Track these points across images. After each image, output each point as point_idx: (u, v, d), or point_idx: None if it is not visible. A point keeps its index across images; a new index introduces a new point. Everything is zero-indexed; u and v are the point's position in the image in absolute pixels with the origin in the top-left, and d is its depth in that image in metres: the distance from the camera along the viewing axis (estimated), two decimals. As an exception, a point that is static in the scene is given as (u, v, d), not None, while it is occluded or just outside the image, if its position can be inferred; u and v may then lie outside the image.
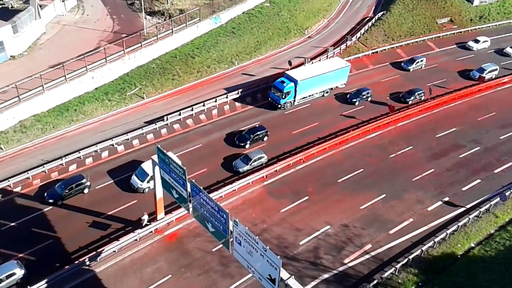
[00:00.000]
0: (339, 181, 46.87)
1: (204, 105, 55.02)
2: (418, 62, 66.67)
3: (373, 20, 76.71)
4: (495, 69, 65.89)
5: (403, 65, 66.95)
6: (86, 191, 43.28)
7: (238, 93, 57.84)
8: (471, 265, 39.14)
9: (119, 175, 45.39)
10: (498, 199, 44.75)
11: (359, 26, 76.62)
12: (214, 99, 56.08)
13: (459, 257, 40.13)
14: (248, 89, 58.97)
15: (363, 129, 53.36)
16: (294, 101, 56.78)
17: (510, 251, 39.98)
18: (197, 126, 53.22)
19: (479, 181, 48.18)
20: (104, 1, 72.73)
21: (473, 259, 39.80)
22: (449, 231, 41.26)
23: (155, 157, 36.04)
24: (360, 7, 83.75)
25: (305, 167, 48.44)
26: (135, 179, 43.64)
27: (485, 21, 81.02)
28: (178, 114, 53.37)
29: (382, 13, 78.43)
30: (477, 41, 73.20)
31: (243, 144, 50.09)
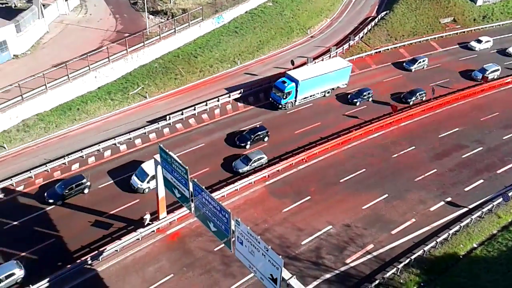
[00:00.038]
0: (341, 181, 46.83)
1: (206, 105, 55.06)
2: (420, 62, 66.51)
3: (376, 19, 76.53)
4: (497, 70, 65.68)
5: (405, 65, 66.82)
6: (86, 191, 43.29)
7: (240, 93, 57.84)
8: (473, 265, 39.05)
9: (119, 175, 45.41)
10: (500, 200, 44.66)
11: (362, 25, 76.43)
12: (216, 99, 56.14)
13: (461, 257, 40.05)
14: (250, 89, 58.98)
15: (365, 129, 53.28)
16: (295, 101, 56.70)
17: (512, 251, 39.98)
18: (199, 125, 53.25)
19: (482, 181, 48.06)
20: (107, 1, 72.87)
21: (475, 259, 39.71)
22: (451, 232, 41.19)
23: (158, 157, 36.09)
24: (363, 7, 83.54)
25: (307, 167, 48.39)
26: (135, 180, 43.60)
27: (488, 21, 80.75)
28: (180, 113, 53.43)
29: (385, 12, 78.26)
30: (479, 41, 72.97)
31: (244, 144, 50.02)
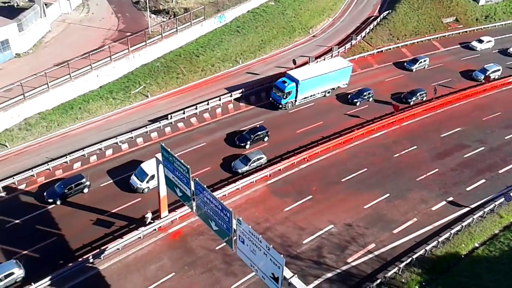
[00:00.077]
0: (343, 180, 46.79)
1: (208, 104, 55.06)
2: (421, 62, 66.34)
3: (378, 19, 76.44)
4: (498, 70, 65.48)
5: (406, 65, 66.65)
6: (86, 191, 43.23)
7: (242, 92, 57.81)
8: (475, 265, 39.01)
9: (119, 175, 45.36)
10: (502, 199, 44.58)
11: (364, 25, 76.34)
12: (218, 98, 56.14)
13: (463, 257, 40.02)
14: (252, 88, 58.94)
15: (367, 129, 53.22)
16: (295, 101, 56.52)
17: (514, 251, 39.92)
18: (201, 124, 53.26)
19: (484, 181, 47.99)
20: (109, 0, 72.90)
21: (477, 259, 39.66)
22: (453, 231, 41.14)
23: (159, 155, 36.12)
24: (365, 6, 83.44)
25: (309, 166, 48.37)
26: (134, 179, 43.51)
27: (491, 20, 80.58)
28: (182, 112, 53.44)
29: (387, 12, 78.17)
30: (480, 41, 72.75)
31: (244, 144, 49.87)
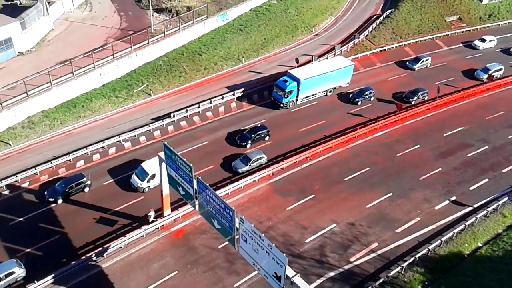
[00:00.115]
0: (346, 179, 46.73)
1: (211, 102, 55.05)
2: (423, 61, 66.10)
3: (381, 18, 76.29)
4: (500, 69, 65.18)
5: (408, 64, 66.42)
6: (86, 190, 43.19)
7: (244, 91, 57.75)
8: (478, 264, 38.93)
9: (120, 174, 45.27)
10: (506, 199, 44.47)
11: (367, 24, 76.23)
12: (220, 96, 56.12)
13: (466, 256, 39.93)
14: (255, 87, 58.88)
15: (370, 128, 53.14)
16: (296, 100, 56.33)
17: (517, 251, 39.82)
18: (203, 123, 53.26)
19: (487, 180, 47.86)
20: (111, -2, 73.05)
21: (480, 258, 39.57)
22: (456, 231, 41.06)
23: (162, 154, 36.13)
24: (368, 5, 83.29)
25: (311, 165, 48.31)
26: (135, 179, 43.41)
27: (494, 19, 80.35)
28: (184, 111, 53.44)
29: (390, 11, 77.99)
30: (483, 40, 72.45)
31: (244, 144, 49.72)
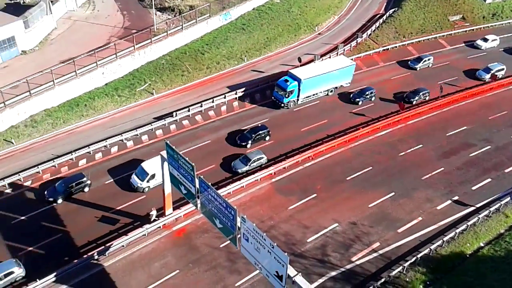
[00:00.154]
0: (348, 178, 46.68)
1: (213, 102, 55.07)
2: (425, 60, 65.84)
3: (384, 17, 76.11)
4: (502, 69, 64.81)
5: (410, 63, 66.16)
6: (86, 190, 43.17)
7: (247, 90, 57.74)
8: (480, 264, 38.86)
9: (120, 173, 45.22)
10: (508, 199, 44.38)
11: (370, 23, 76.04)
12: (223, 96, 56.13)
13: (468, 256, 39.87)
14: (257, 86, 58.86)
15: (372, 127, 53.06)
16: (297, 100, 56.17)
17: (520, 251, 39.72)
18: (206, 122, 53.28)
19: (490, 180, 47.73)
20: (114, -3, 73.08)
21: (482, 258, 39.49)
22: (458, 230, 41.00)
23: (164, 153, 36.18)
24: (371, 4, 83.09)
25: (314, 165, 48.28)
26: (134, 179, 43.36)
27: (498, 18, 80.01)
28: (187, 110, 53.47)
29: (393, 10, 77.79)
30: (485, 40, 72.08)
31: (245, 143, 49.59)
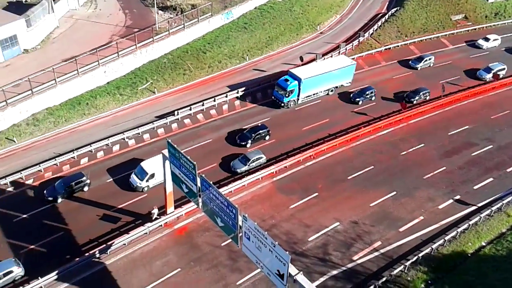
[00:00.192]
0: (349, 178, 46.64)
1: (214, 100, 55.09)
2: (426, 60, 65.63)
3: (387, 16, 75.99)
4: (503, 68, 64.52)
5: (411, 63, 65.90)
6: (86, 189, 43.11)
7: (248, 89, 57.74)
8: (481, 264, 38.79)
9: (119, 173, 45.16)
10: (510, 198, 44.23)
11: (372, 22, 75.96)
12: (224, 95, 56.14)
13: (469, 255, 39.79)
14: (259, 85, 58.85)
15: (374, 126, 52.98)
16: (297, 99, 56.03)
17: (522, 250, 39.64)
18: (207, 121, 53.31)
19: (492, 179, 47.61)
20: (116, -4, 73.15)
21: (484, 258, 39.43)
22: (459, 230, 40.93)
23: (166, 152, 36.21)
24: (373, 3, 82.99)
25: (315, 164, 48.26)
26: (134, 178, 43.29)
27: (500, 18, 79.82)
28: (188, 109, 53.51)
29: (395, 9, 77.68)
30: (487, 39, 71.82)
31: (244, 143, 49.47)
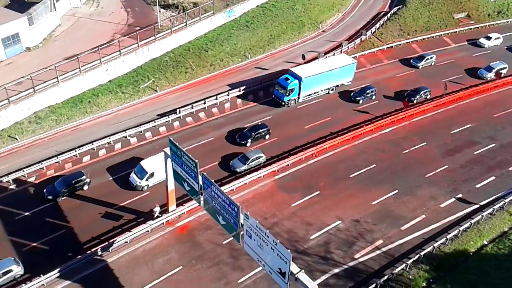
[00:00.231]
0: (351, 176, 46.62)
1: (216, 99, 55.09)
2: (427, 59, 65.39)
3: (389, 14, 75.81)
4: (504, 67, 64.20)
5: (412, 62, 65.62)
6: (85, 188, 43.09)
7: (250, 87, 57.71)
8: (483, 262, 38.76)
9: (119, 172, 45.14)
10: (513, 197, 44.24)
11: (375, 20, 75.80)
12: (226, 93, 56.12)
13: (471, 254, 39.77)
14: (261, 83, 58.81)
15: (376, 124, 52.90)
16: (298, 98, 55.90)
17: (524, 249, 39.58)
18: (209, 119, 53.31)
19: (494, 178, 47.53)
20: (118, -6, 73.11)
21: (485, 256, 39.39)
22: (461, 228, 40.88)
23: (168, 150, 36.24)
24: (375, 1, 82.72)
25: (317, 162, 48.23)
26: (133, 177, 43.21)
27: (503, 16, 79.58)
28: (190, 107, 53.51)
29: (398, 7, 77.49)
30: (488, 38, 71.54)
31: (244, 142, 49.38)
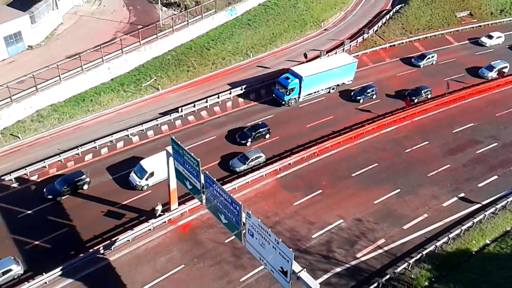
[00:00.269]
0: (353, 175, 46.59)
1: (218, 97, 55.08)
2: (429, 58, 65.14)
3: (391, 13, 75.65)
4: (506, 66, 63.89)
5: (413, 61, 65.37)
6: (85, 187, 43.08)
7: (252, 86, 57.66)
8: (486, 262, 38.73)
9: (119, 171, 45.13)
10: (516, 196, 44.15)
11: (377, 19, 75.63)
12: (228, 91, 56.11)
13: (473, 253, 39.74)
14: (263, 82, 58.79)
15: (378, 123, 52.85)
16: (298, 97, 55.80)
17: (526, 249, 39.51)
18: (211, 118, 53.31)
19: (496, 177, 47.45)
20: (120, -8, 73.06)
21: (488, 256, 39.36)
22: (464, 227, 40.86)
23: (170, 148, 36.25)
24: (377, 0, 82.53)
25: (319, 161, 48.22)
26: (133, 176, 43.16)
27: (506, 14, 79.32)
28: (192, 105, 53.51)
29: (400, 6, 77.29)
30: (490, 37, 71.24)
31: (244, 141, 49.33)
